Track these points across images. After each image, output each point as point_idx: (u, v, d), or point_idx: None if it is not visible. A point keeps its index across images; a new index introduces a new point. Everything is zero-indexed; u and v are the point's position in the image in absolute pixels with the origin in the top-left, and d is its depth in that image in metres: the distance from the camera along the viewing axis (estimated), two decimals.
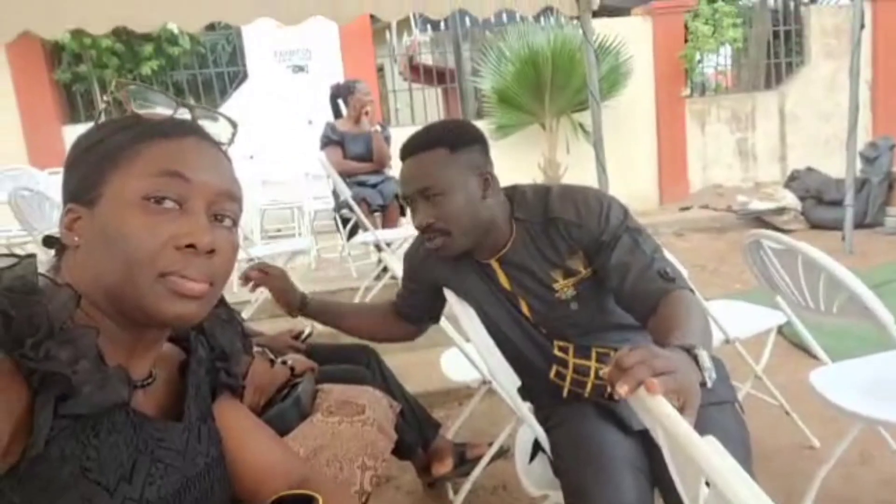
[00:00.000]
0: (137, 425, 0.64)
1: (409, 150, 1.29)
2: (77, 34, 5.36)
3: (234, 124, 0.78)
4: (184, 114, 0.74)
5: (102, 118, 0.73)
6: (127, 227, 0.63)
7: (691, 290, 1.17)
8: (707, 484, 0.67)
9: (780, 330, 2.25)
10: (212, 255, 0.66)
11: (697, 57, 7.03)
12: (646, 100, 6.90)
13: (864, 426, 1.55)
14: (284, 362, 1.49)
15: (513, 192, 1.35)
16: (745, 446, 1.18)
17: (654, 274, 1.17)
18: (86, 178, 0.66)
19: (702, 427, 1.11)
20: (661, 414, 0.72)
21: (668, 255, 1.65)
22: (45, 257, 0.70)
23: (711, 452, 0.65)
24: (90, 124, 0.73)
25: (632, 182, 6.67)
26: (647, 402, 0.74)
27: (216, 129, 0.75)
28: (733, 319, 2.04)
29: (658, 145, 7.05)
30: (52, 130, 5.94)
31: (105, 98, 0.76)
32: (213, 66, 6.75)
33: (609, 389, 0.77)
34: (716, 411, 1.20)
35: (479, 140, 1.32)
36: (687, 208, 6.62)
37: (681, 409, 0.74)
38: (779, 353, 2.52)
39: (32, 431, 0.54)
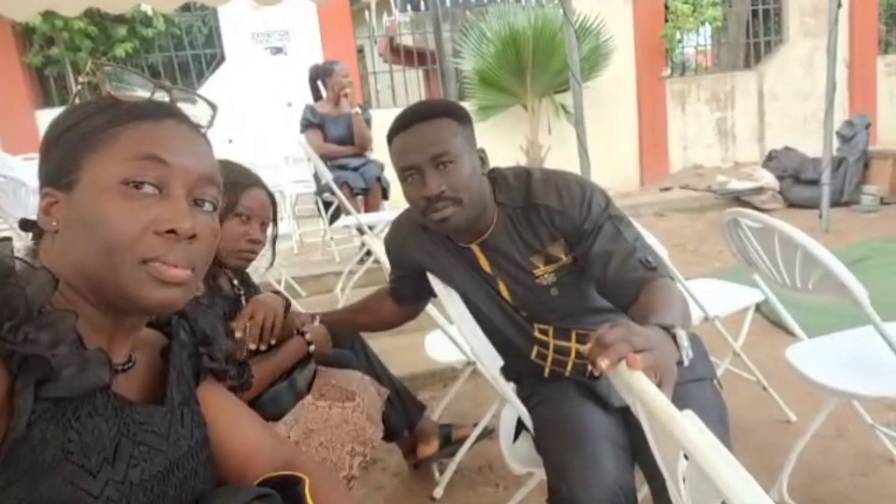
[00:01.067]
0: (119, 409, 0.64)
1: (411, 120, 1.24)
2: (48, 16, 5.23)
3: (213, 106, 0.77)
4: (162, 96, 0.72)
5: (77, 101, 0.71)
6: (106, 212, 0.62)
7: (672, 279, 1.18)
8: (685, 457, 0.69)
9: (758, 308, 2.29)
10: (193, 240, 0.66)
11: (678, 36, 7.04)
12: (627, 80, 6.91)
13: (840, 400, 1.59)
14: (303, 333, 1.50)
15: (494, 176, 1.34)
16: (722, 421, 1.21)
17: (635, 263, 1.18)
18: (62, 161, 0.65)
19: (681, 403, 1.13)
20: (641, 389, 0.73)
21: (649, 237, 1.67)
22: (20, 243, 0.69)
23: (689, 426, 0.67)
24: (64, 108, 0.72)
25: (613, 163, 6.70)
26: (627, 378, 0.75)
27: (195, 111, 0.74)
28: (712, 298, 2.07)
29: (639, 126, 7.08)
30: (24, 115, 5.80)
31: (80, 80, 0.74)
32: (190, 49, 6.62)
33: (590, 368, 0.79)
34: (695, 388, 1.23)
35: (471, 121, 1.32)
36: (668, 189, 6.67)
37: (658, 385, 0.76)
38: (757, 331, 2.57)
39: (13, 415, 0.54)
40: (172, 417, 0.70)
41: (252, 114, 6.12)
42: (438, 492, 1.93)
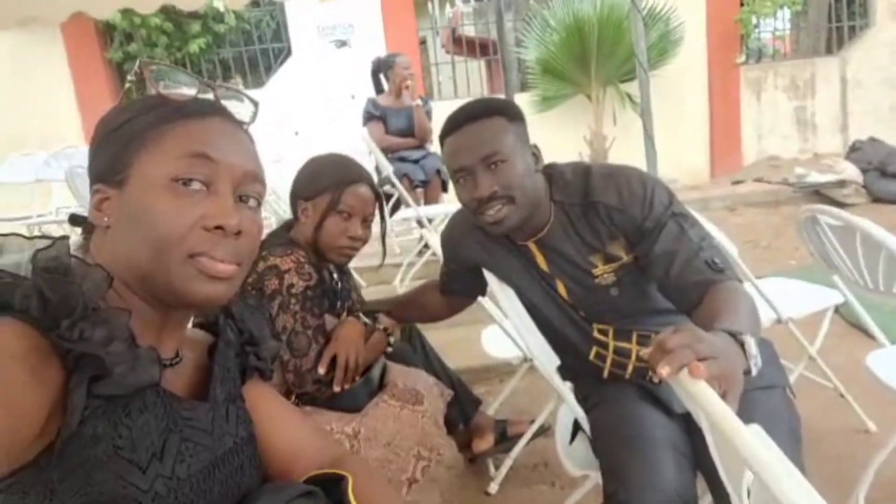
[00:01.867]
0: (167, 404, 0.65)
1: (461, 121, 1.23)
2: (127, 14, 5.47)
3: (255, 103, 0.78)
4: (207, 93, 0.73)
5: (126, 99, 0.74)
6: (155, 208, 0.64)
7: (740, 281, 1.12)
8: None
9: (836, 308, 2.16)
10: (238, 236, 0.67)
11: (753, 21, 6.69)
12: (698, 68, 6.63)
13: None
14: (386, 329, 1.52)
15: (550, 172, 1.31)
16: (793, 432, 1.14)
17: (700, 264, 1.13)
18: (113, 158, 0.67)
19: (748, 411, 1.09)
20: (704, 400, 0.69)
21: (717, 233, 1.60)
22: (75, 238, 0.72)
23: (754, 441, 0.63)
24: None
25: (682, 154, 6.46)
26: (690, 387, 0.71)
27: (240, 108, 0.75)
28: (786, 298, 1.96)
29: (710, 115, 6.79)
30: (106, 109, 5.98)
31: (129, 78, 0.76)
32: (258, 43, 6.80)
33: (650, 374, 0.75)
34: (763, 395, 1.17)
35: (523, 117, 1.30)
36: (740, 181, 6.38)
37: (722, 396, 0.72)
38: (835, 334, 2.42)
39: (67, 411, 0.55)
40: (216, 414, 0.71)
41: (317, 106, 6.24)
42: (493, 487, 1.92)
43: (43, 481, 0.55)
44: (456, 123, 1.24)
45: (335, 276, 1.54)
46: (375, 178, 4.08)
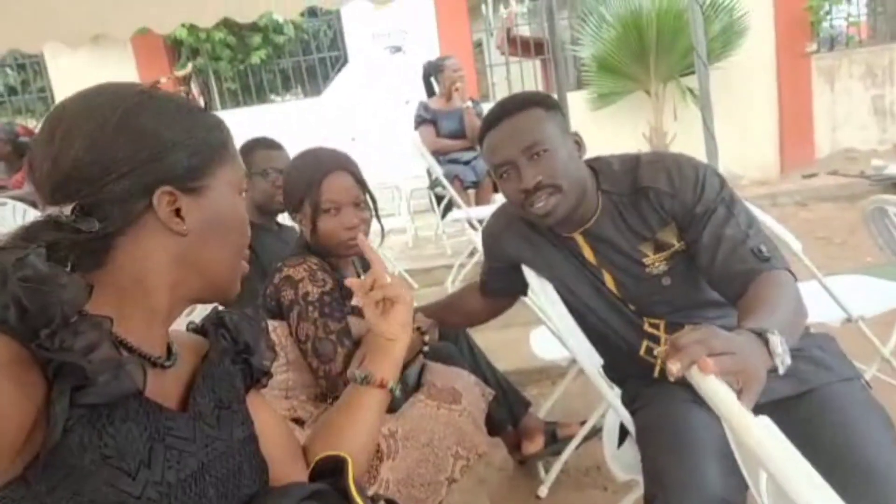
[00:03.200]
0: (149, 413, 0.64)
1: (498, 117, 1.23)
2: (192, 30, 5.72)
3: None
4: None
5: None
6: (241, 217, 0.75)
7: (789, 270, 1.07)
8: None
9: None
10: None
11: (825, 8, 6.35)
12: (765, 58, 6.33)
13: None
14: (420, 328, 1.49)
15: (597, 164, 1.29)
16: (887, 420, 1.08)
17: (746, 252, 1.09)
18: (189, 166, 0.70)
19: (836, 403, 1.06)
20: (714, 395, 0.69)
21: (783, 230, 1.51)
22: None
23: (765, 435, 0.63)
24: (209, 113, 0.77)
25: (749, 149, 6.19)
26: (701, 382, 0.71)
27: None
28: (858, 295, 1.85)
29: (779, 108, 6.47)
30: None
31: (182, 88, 0.81)
32: (316, 52, 6.97)
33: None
34: (845, 387, 1.13)
35: (560, 107, 1.28)
36: (812, 175, 6.05)
37: (739, 393, 0.70)
38: None
39: (50, 422, 0.55)
40: (197, 422, 0.70)
41: (372, 112, 6.34)
42: (543, 491, 1.88)
43: (32, 495, 0.55)
44: (493, 120, 1.24)
45: (363, 277, 1.53)
46: (427, 182, 4.13)
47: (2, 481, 0.54)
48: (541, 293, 1.31)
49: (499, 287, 1.54)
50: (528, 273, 1.36)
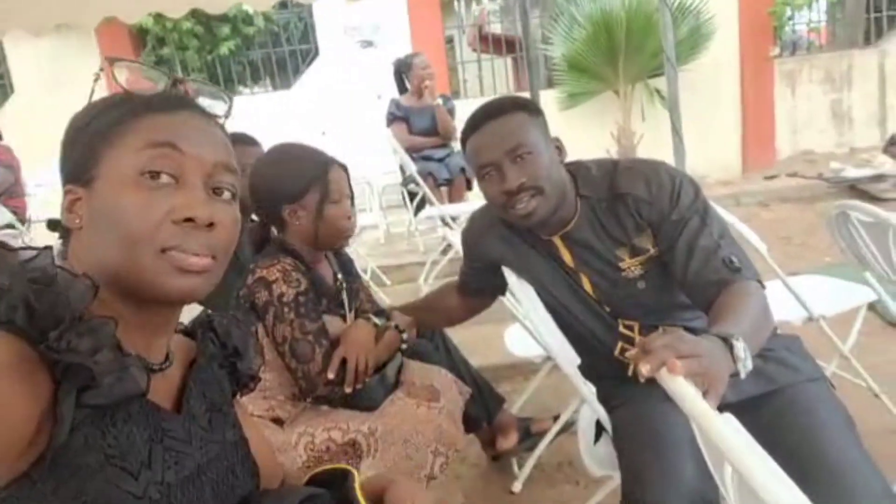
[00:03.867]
0: (149, 415, 0.65)
1: (482, 119, 1.25)
2: (159, 18, 5.59)
3: (229, 99, 0.78)
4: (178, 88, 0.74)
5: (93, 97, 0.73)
6: (125, 204, 0.63)
7: (758, 281, 1.12)
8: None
9: (871, 306, 2.10)
10: (212, 228, 0.66)
11: (788, 13, 6.54)
12: (730, 62, 6.49)
13: None
14: (398, 327, 1.51)
15: (576, 169, 1.31)
16: (849, 419, 1.14)
17: (718, 262, 1.13)
18: (81, 158, 0.67)
19: (804, 402, 1.10)
20: (682, 395, 0.75)
21: (748, 231, 1.56)
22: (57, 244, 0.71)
23: (728, 431, 0.67)
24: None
25: (712, 150, 6.33)
26: (669, 383, 0.76)
27: (213, 104, 0.75)
28: (818, 295, 1.92)
29: (742, 110, 6.65)
30: None
31: (95, 74, 0.77)
32: (287, 45, 6.89)
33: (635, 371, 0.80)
34: (813, 386, 1.19)
35: (543, 113, 1.31)
36: (773, 177, 6.23)
37: (705, 394, 0.76)
38: (868, 332, 2.35)
39: (56, 421, 0.55)
40: (191, 424, 0.71)
41: (343, 107, 6.30)
42: (517, 486, 1.91)
43: (36, 493, 0.55)
44: (477, 122, 1.26)
45: (340, 276, 1.53)
46: (399, 178, 4.13)
47: (6, 479, 0.54)
48: (520, 293, 1.34)
49: (478, 287, 1.56)
50: (508, 274, 1.38)
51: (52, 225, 0.74)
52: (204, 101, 0.74)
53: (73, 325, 0.56)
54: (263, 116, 5.94)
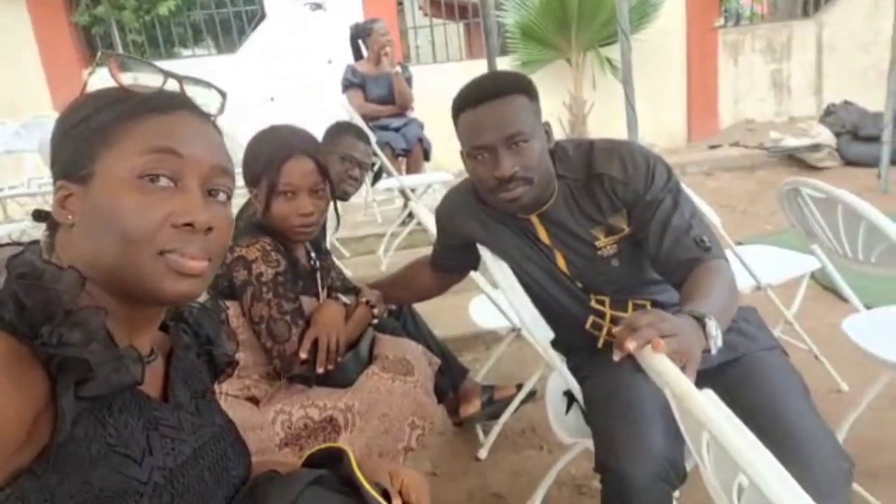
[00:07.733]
0: (142, 405, 0.66)
1: (483, 96, 1.21)
2: None
3: (223, 94, 0.76)
4: (173, 85, 0.71)
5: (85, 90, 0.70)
6: (123, 206, 0.63)
7: (725, 260, 1.18)
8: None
9: (812, 274, 2.23)
10: (209, 232, 0.66)
11: None
12: (676, 31, 6.62)
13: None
14: (368, 302, 1.50)
15: (555, 149, 1.32)
16: (805, 386, 1.22)
17: (689, 242, 1.18)
18: (76, 154, 0.65)
19: (760, 370, 1.18)
20: (664, 370, 0.80)
21: (700, 202, 1.63)
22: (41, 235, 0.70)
23: (707, 404, 0.72)
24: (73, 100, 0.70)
25: (660, 119, 6.49)
26: (652, 360, 0.82)
27: (206, 97, 0.74)
28: (764, 264, 2.02)
29: (688, 79, 6.81)
30: (73, 74, 5.91)
31: (89, 70, 0.74)
32: (231, 6, 6.60)
33: (616, 348, 0.86)
34: (768, 355, 1.26)
35: (538, 95, 1.28)
36: (716, 146, 6.45)
37: (682, 369, 0.82)
38: (809, 297, 2.50)
39: (57, 416, 0.55)
40: (179, 413, 0.72)
41: (292, 72, 6.11)
42: (483, 453, 1.97)
43: (41, 487, 0.55)
44: (476, 98, 1.22)
45: (312, 255, 1.52)
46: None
47: (6, 475, 0.54)
48: (495, 269, 1.36)
49: (451, 263, 1.57)
50: (484, 251, 1.40)
51: (38, 216, 0.72)
52: (196, 94, 0.72)
53: (63, 319, 0.56)
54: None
